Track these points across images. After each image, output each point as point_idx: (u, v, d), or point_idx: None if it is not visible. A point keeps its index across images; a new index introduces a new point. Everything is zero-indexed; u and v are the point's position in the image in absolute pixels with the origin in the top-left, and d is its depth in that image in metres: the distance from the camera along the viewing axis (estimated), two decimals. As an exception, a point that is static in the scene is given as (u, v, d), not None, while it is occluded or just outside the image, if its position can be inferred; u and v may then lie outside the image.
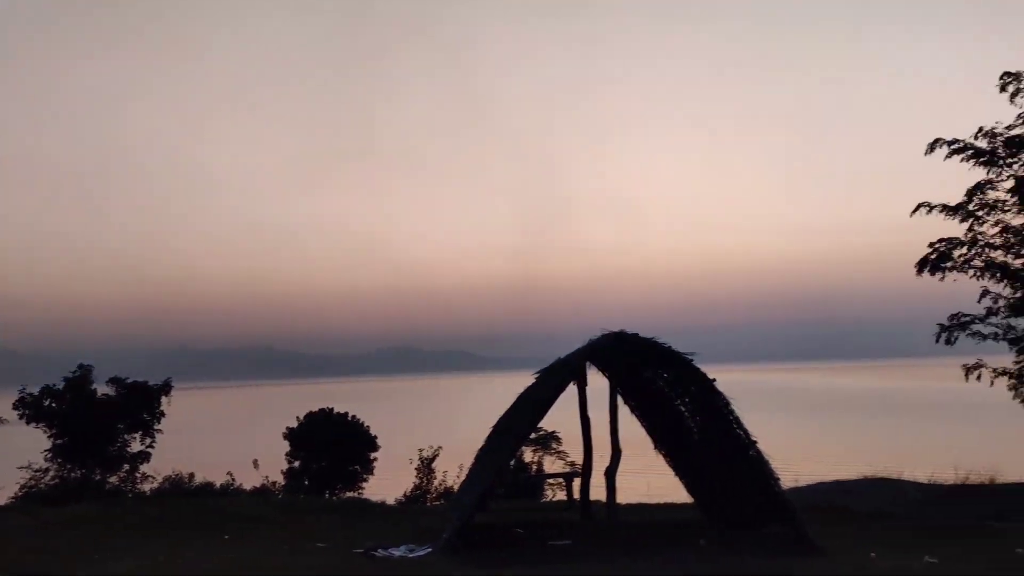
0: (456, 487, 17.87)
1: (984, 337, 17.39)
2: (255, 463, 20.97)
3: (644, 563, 10.81)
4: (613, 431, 13.54)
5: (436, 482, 20.91)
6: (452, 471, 19.12)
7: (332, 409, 22.31)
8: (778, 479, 12.12)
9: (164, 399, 21.51)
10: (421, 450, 21.35)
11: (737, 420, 12.36)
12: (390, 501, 19.55)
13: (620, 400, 14.09)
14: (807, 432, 53.23)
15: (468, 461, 13.98)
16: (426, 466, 21.08)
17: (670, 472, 15.12)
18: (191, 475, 21.89)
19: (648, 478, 21.51)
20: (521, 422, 13.30)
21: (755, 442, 12.25)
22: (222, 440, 55.63)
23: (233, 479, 21.35)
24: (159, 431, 21.52)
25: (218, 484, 21.35)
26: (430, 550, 11.49)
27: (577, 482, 15.40)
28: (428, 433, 28.11)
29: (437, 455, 21.22)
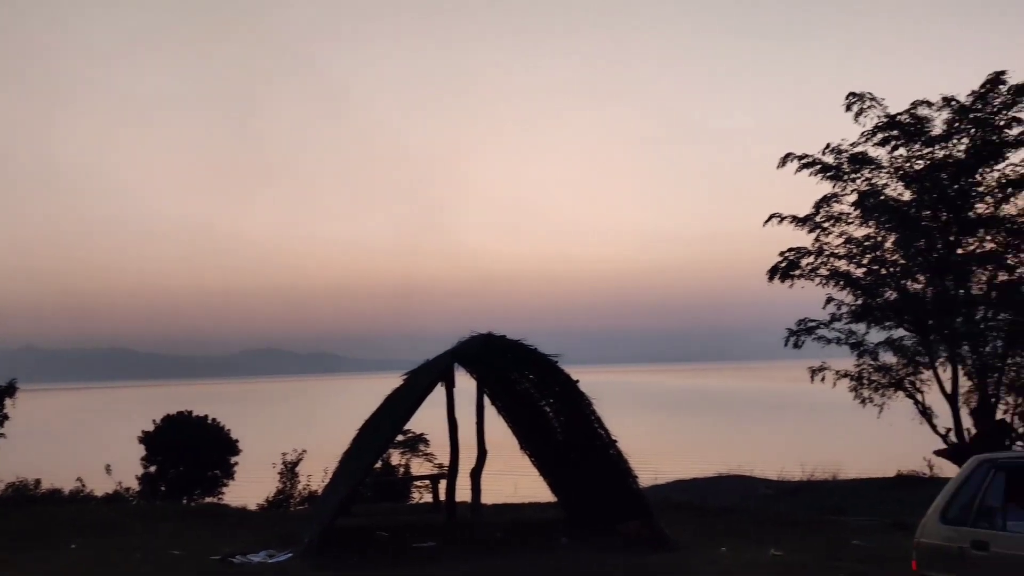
0: (320, 491, 17.59)
1: (828, 341, 18.40)
2: (107, 468, 20.01)
3: (506, 562, 10.97)
4: (479, 432, 13.67)
5: (300, 487, 20.50)
6: (317, 475, 18.80)
7: (191, 412, 21.53)
8: (636, 477, 12.54)
9: (8, 401, 20.23)
10: (285, 454, 20.89)
11: (599, 420, 12.71)
12: (251, 507, 19.05)
13: (488, 401, 14.24)
14: (667, 431, 55.11)
15: (333, 465, 13.81)
16: (290, 470, 20.63)
17: (536, 472, 15.38)
18: (37, 481, 20.67)
19: (515, 478, 21.77)
20: (387, 424, 13.24)
21: (615, 441, 12.63)
22: (72, 444, 52.76)
23: (83, 485, 20.30)
24: (1, 435, 20.23)
25: (67, 491, 20.27)
26: (291, 555, 11.29)
27: (443, 484, 15.45)
28: (293, 436, 27.51)
29: (301, 459, 20.81)
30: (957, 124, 17.12)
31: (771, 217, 18.73)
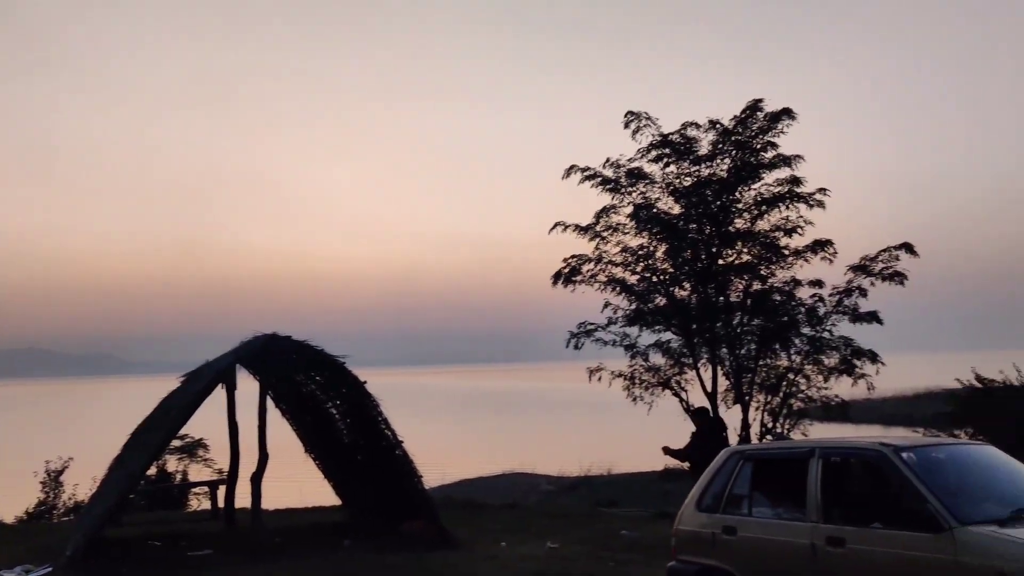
0: (87, 500, 16.47)
1: (605, 343, 19.43)
2: None
3: (285, 567, 10.81)
4: (261, 435, 13.33)
5: (65, 496, 19.08)
6: (85, 483, 17.58)
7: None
8: (421, 477, 12.73)
9: None
10: (48, 462, 19.37)
11: (385, 421, 12.79)
12: (8, 519, 17.53)
13: (271, 404, 13.91)
14: (455, 433, 55.88)
15: (103, 472, 13.00)
16: (53, 479, 19.17)
17: (321, 475, 15.20)
18: None
19: (300, 483, 21.39)
20: (161, 428, 12.64)
21: (401, 442, 12.76)
22: None
23: None
24: None
25: None
26: (49, 569, 10.55)
27: (222, 490, 14.93)
28: (59, 443, 25.51)
29: (67, 467, 19.38)
30: (721, 145, 18.53)
31: (556, 225, 19.52)
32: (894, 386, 51.93)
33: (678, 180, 18.84)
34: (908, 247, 17.33)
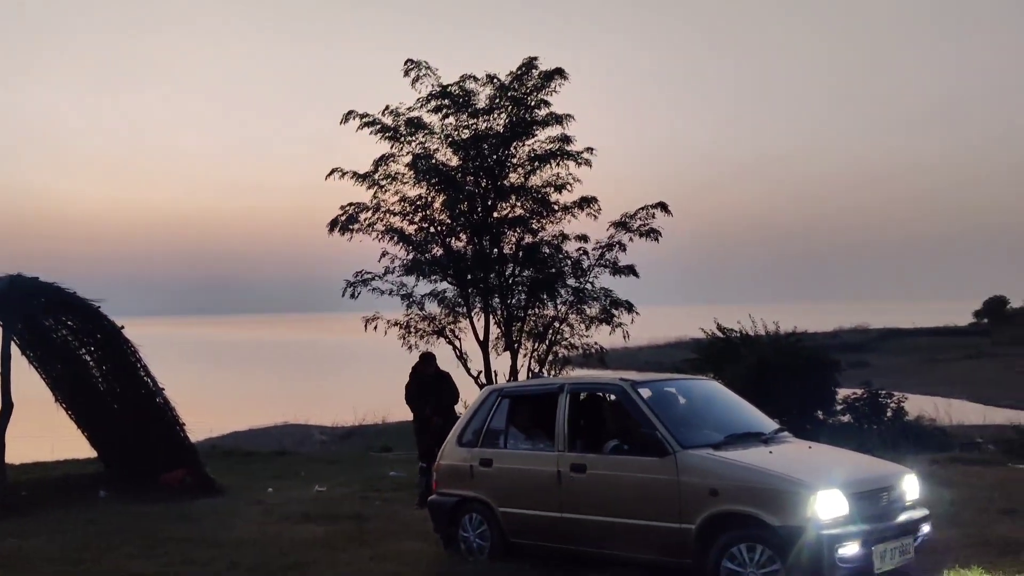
0: None
1: (382, 292, 19.46)
2: None
3: (35, 521, 10.18)
4: (5, 384, 12.34)
5: None
6: None
7: None
8: (183, 425, 12.35)
9: None
10: None
11: (145, 368, 12.26)
12: None
13: (17, 350, 12.89)
14: (225, 385, 54.06)
15: None
16: None
17: (75, 426, 14.32)
18: None
19: (52, 436, 19.98)
20: None
21: (163, 390, 12.28)
22: None
23: None
24: None
25: None
26: None
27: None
28: None
29: None
30: (498, 100, 18.90)
31: (332, 171, 19.23)
32: (650, 335, 55.89)
33: (456, 132, 19.04)
34: (663, 206, 18.63)
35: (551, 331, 19.14)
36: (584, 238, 19.07)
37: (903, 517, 6.25)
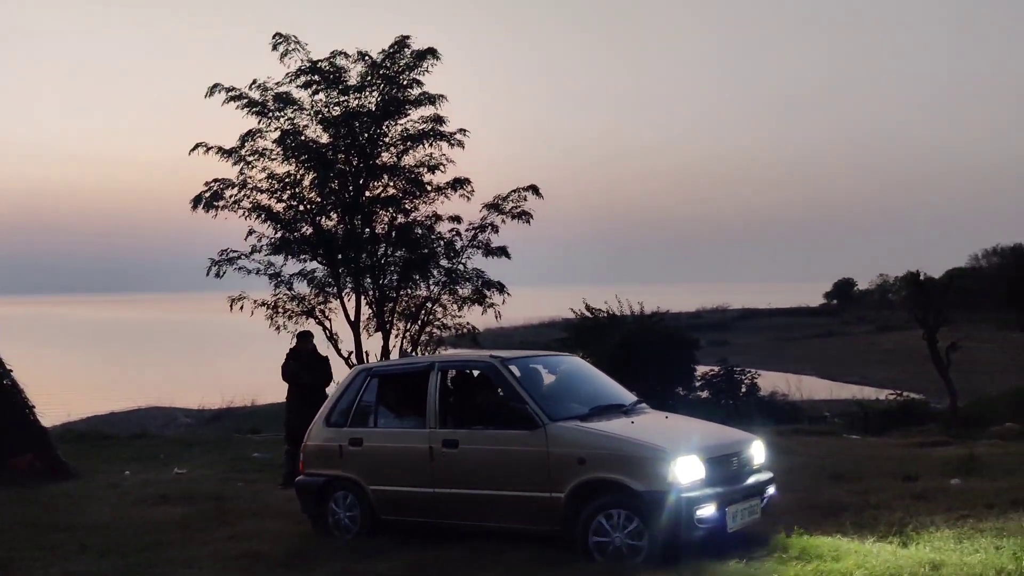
0: None
1: (249, 272, 18.96)
2: None
3: None
4: None
5: None
6: None
7: None
8: (33, 408, 11.78)
9: None
10: None
11: (-9, 349, 11.60)
12: None
13: None
14: (83, 367, 51.52)
15: None
16: None
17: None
18: None
19: None
20: None
21: (10, 371, 11.68)
22: None
23: None
24: None
25: None
26: None
27: None
28: None
29: None
30: (370, 78, 18.70)
31: (197, 146, 18.62)
32: (525, 316, 56.70)
33: (327, 109, 18.74)
34: (535, 189, 18.91)
35: (424, 312, 19.16)
36: (457, 219, 19.15)
37: (752, 480, 6.69)
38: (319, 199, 18.81)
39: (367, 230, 19.03)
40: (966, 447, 11.19)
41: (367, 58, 18.54)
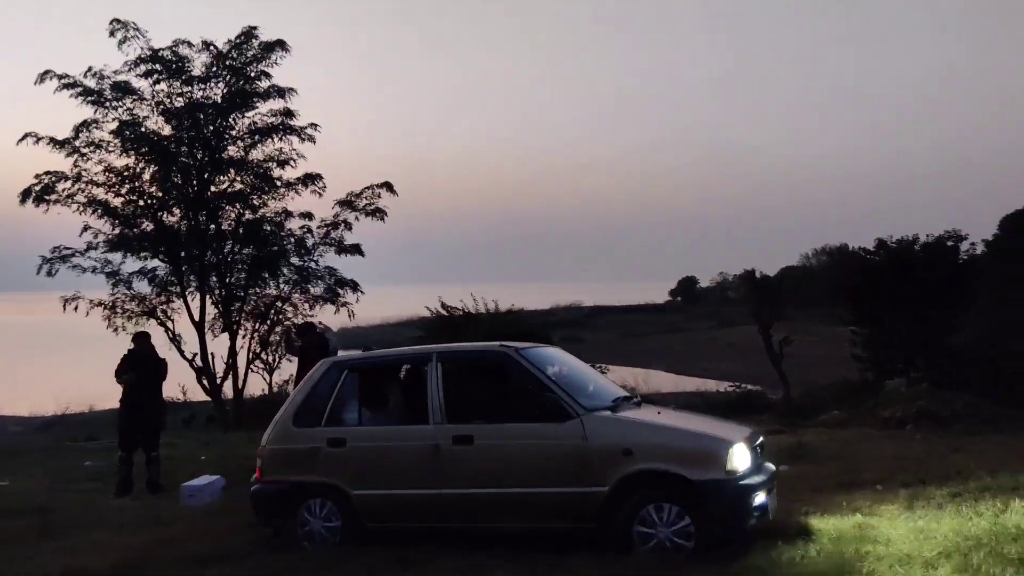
0: None
1: (84, 270, 17.97)
2: None
3: None
4: None
5: None
6: None
7: None
8: None
9: None
10: None
11: None
12: None
13: None
14: None
15: None
16: None
17: None
18: None
19: None
20: None
21: None
22: None
23: None
24: None
25: None
26: None
27: None
28: None
29: None
30: (215, 69, 18.11)
31: (26, 136, 17.51)
32: (381, 315, 56.18)
33: (169, 100, 18.04)
34: (388, 186, 18.82)
35: (273, 311, 18.73)
36: (309, 216, 18.83)
37: (770, 468, 6.51)
38: (161, 194, 18.06)
39: (213, 226, 18.39)
40: (796, 435, 11.81)
41: (212, 48, 17.95)
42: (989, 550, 5.05)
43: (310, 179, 18.73)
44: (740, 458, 5.89)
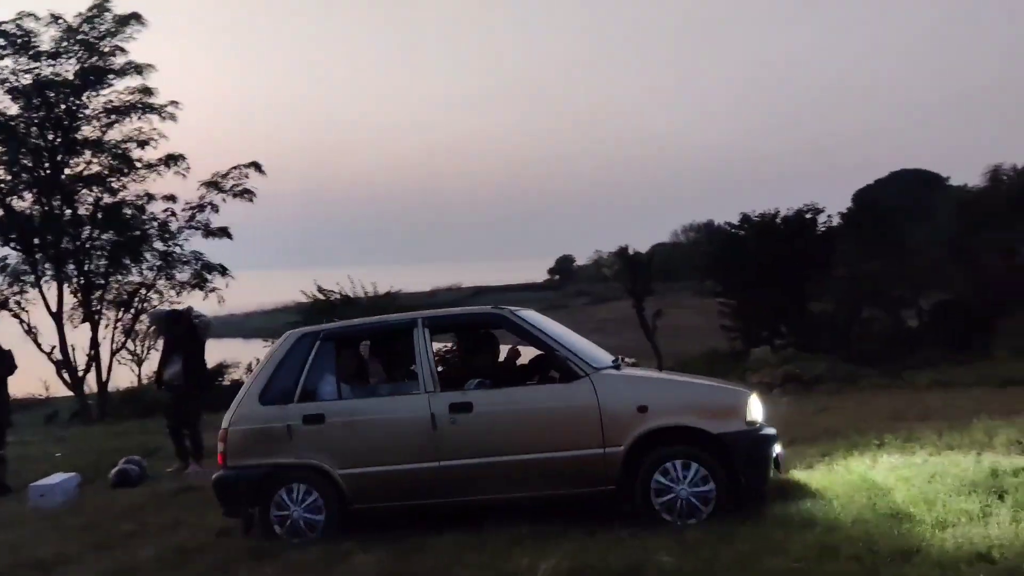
0: None
1: None
2: None
3: None
4: None
5: None
6: None
7: None
8: None
9: None
10: None
11: None
12: None
13: None
14: None
15: None
16: None
17: None
18: None
19: None
20: None
21: None
22: None
23: None
24: None
25: None
26: None
27: None
28: None
29: None
30: (66, 44, 17.16)
31: None
32: (256, 301, 54.58)
33: (15, 77, 16.99)
34: (256, 166, 18.24)
35: (137, 299, 17.94)
36: (172, 198, 18.06)
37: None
38: (9, 177, 17.05)
39: (69, 211, 17.46)
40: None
41: (62, 21, 16.94)
42: (862, 506, 5.25)
43: (172, 160, 17.97)
44: (757, 408, 5.73)
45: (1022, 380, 11.50)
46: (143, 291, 18.01)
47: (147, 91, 17.54)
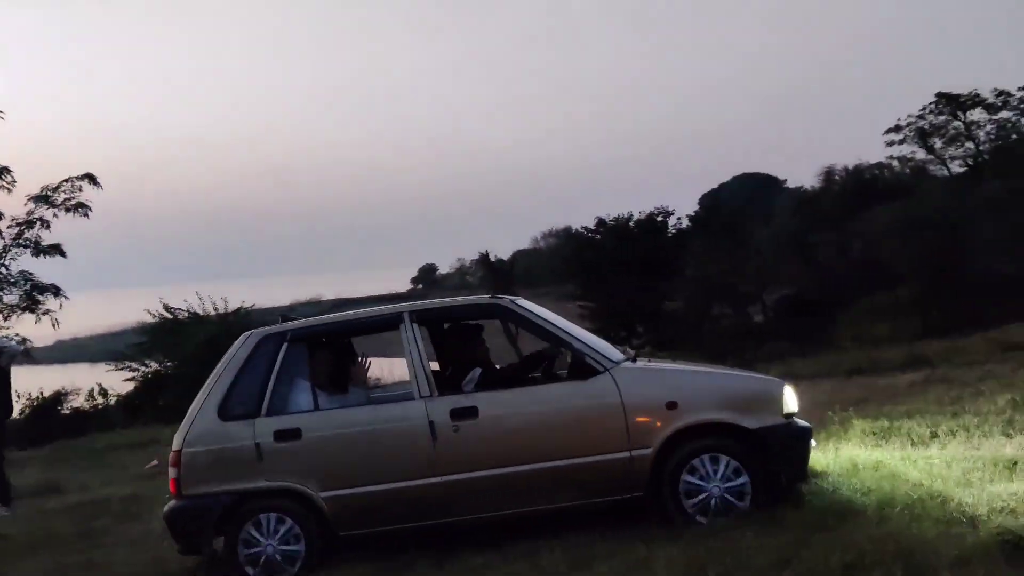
0: None
1: None
2: None
3: None
4: None
5: None
6: None
7: None
8: None
9: None
10: None
11: None
12: None
13: None
14: None
15: None
16: None
17: None
18: None
19: None
20: None
21: None
22: None
23: None
24: None
25: None
26: None
27: None
28: None
29: None
30: None
31: None
32: (100, 323, 51.68)
33: None
34: (91, 178, 17.27)
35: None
36: (-3, 214, 16.86)
37: None
38: None
39: None
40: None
41: None
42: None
43: (-3, 172, 16.75)
44: (792, 399, 5.33)
45: (867, 369, 11.93)
46: (-33, 317, 16.68)
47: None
